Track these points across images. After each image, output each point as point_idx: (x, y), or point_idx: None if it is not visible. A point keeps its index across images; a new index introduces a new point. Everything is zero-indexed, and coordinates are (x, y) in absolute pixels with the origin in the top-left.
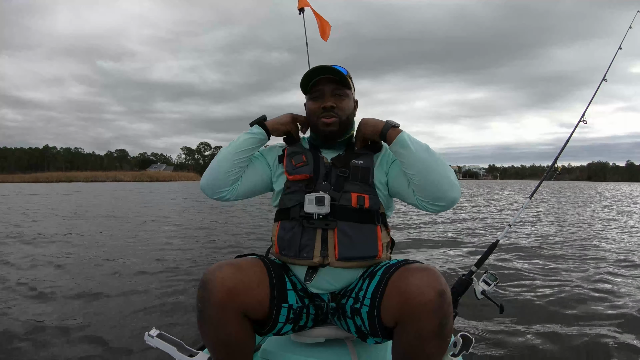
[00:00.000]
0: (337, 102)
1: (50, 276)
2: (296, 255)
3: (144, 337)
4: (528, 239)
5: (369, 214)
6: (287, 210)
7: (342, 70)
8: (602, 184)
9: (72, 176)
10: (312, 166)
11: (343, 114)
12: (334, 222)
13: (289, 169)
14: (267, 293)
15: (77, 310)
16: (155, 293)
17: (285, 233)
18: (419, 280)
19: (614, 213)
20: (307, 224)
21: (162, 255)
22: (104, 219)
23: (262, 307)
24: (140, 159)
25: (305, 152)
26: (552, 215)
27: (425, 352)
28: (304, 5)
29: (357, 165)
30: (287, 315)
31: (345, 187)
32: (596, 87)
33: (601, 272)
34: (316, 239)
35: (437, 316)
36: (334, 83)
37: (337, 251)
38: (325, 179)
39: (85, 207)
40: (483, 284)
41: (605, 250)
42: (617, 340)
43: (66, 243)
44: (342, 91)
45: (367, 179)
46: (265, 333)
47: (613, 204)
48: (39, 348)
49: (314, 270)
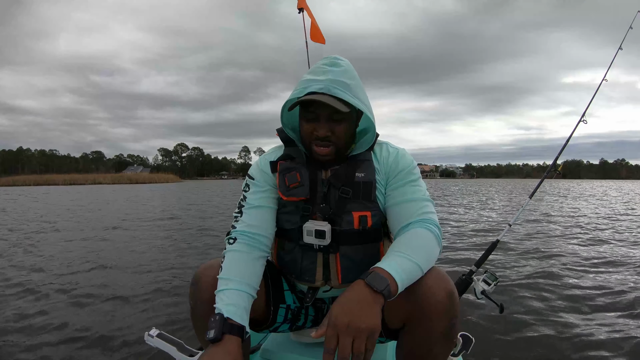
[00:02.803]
0: (333, 128)
1: (51, 277)
2: (297, 277)
3: (144, 337)
4: (528, 239)
5: (372, 232)
6: (286, 231)
7: (341, 93)
8: (583, 182)
9: (49, 179)
10: (307, 187)
11: (340, 141)
12: (335, 247)
13: (282, 189)
14: (262, 292)
15: (76, 311)
16: (155, 293)
17: (285, 254)
18: (429, 280)
19: (608, 211)
20: (308, 249)
21: (162, 255)
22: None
23: (258, 306)
24: (117, 161)
25: (299, 169)
26: (552, 214)
27: (433, 353)
28: (303, 6)
29: (359, 180)
30: (285, 315)
31: (347, 207)
32: (596, 88)
33: (601, 271)
34: (317, 263)
35: (448, 317)
36: (332, 107)
37: (340, 276)
38: (323, 201)
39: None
40: (483, 283)
41: (605, 249)
42: (618, 340)
43: (69, 243)
44: (340, 115)
45: (369, 194)
46: (262, 330)
47: (605, 203)
48: (37, 348)
49: (315, 290)
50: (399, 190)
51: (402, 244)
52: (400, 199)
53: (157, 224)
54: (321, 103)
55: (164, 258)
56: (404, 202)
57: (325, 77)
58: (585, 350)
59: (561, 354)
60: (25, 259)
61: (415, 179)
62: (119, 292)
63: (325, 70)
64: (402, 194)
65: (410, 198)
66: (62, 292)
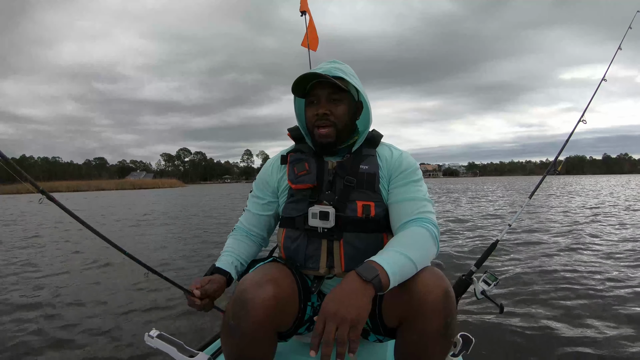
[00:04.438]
0: (332, 108)
1: (52, 277)
2: (302, 265)
3: (144, 338)
4: (528, 239)
5: (375, 222)
6: (292, 220)
7: (339, 73)
8: (586, 178)
9: (52, 187)
10: (315, 175)
11: (339, 121)
12: (339, 234)
13: (291, 178)
14: (297, 303)
15: (76, 311)
16: (155, 293)
17: (291, 242)
18: (425, 278)
19: (612, 208)
20: (312, 235)
21: (162, 255)
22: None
23: (291, 303)
24: (119, 167)
25: (308, 159)
26: (552, 214)
27: (429, 352)
28: (305, 9)
29: (363, 171)
30: (312, 314)
31: (351, 196)
32: (595, 84)
33: (602, 271)
34: (322, 250)
35: (443, 315)
36: (330, 87)
37: (343, 263)
38: (329, 188)
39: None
40: (483, 284)
41: (606, 249)
42: (618, 340)
43: (74, 244)
44: (339, 95)
45: (372, 185)
46: (294, 331)
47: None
48: (38, 349)
49: (320, 279)
50: (400, 188)
51: (397, 240)
52: (401, 197)
53: (159, 224)
54: (320, 84)
55: (165, 258)
56: (404, 201)
57: (325, 67)
58: (585, 350)
59: (561, 354)
60: (25, 257)
61: (417, 179)
62: (118, 293)
63: (326, 64)
64: (403, 192)
65: (411, 197)
66: (61, 293)
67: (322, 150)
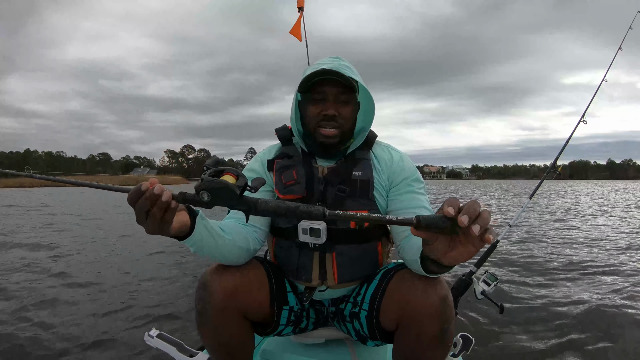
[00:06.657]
0: (340, 109)
1: (53, 278)
2: (294, 276)
3: (144, 338)
4: (528, 239)
5: (369, 232)
6: (282, 230)
7: (349, 73)
8: (590, 183)
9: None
10: (303, 185)
11: (346, 122)
12: (331, 246)
13: (279, 187)
14: (267, 295)
15: (76, 311)
16: (155, 293)
17: (282, 252)
18: (422, 283)
19: (613, 212)
20: (304, 247)
21: (162, 255)
22: None
23: (263, 309)
24: (123, 163)
25: (296, 166)
26: (552, 215)
27: (426, 356)
28: (302, 5)
29: (357, 178)
30: (288, 317)
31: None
32: (596, 88)
33: (602, 272)
34: (314, 262)
35: (439, 321)
36: (339, 86)
37: (336, 276)
38: (320, 198)
39: None
40: (483, 284)
41: (606, 248)
42: (618, 340)
43: (73, 243)
44: (347, 96)
45: (367, 192)
46: (267, 334)
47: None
48: (37, 349)
49: (312, 290)
50: (403, 196)
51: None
52: (405, 204)
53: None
54: (330, 81)
55: (164, 258)
56: (408, 209)
57: (333, 63)
58: (585, 350)
59: (561, 354)
60: (24, 254)
61: (419, 188)
62: (118, 293)
63: (331, 60)
64: (407, 201)
65: (415, 205)
66: (61, 293)
67: (322, 151)
